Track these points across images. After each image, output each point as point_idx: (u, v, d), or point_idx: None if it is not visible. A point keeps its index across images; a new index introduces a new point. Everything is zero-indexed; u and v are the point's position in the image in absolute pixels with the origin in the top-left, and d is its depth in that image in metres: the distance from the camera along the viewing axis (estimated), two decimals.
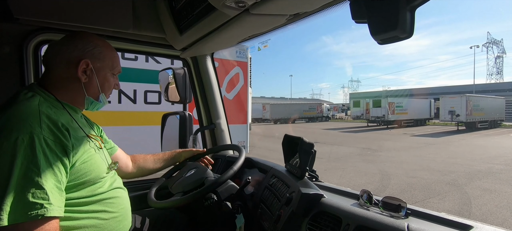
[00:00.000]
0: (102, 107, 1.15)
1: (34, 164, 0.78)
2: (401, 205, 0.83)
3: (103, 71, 1.09)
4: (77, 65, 1.01)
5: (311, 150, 1.12)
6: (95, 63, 1.05)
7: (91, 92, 1.07)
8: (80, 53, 1.03)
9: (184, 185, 1.32)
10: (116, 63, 1.13)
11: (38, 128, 0.82)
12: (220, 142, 1.92)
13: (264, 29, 1.30)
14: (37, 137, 0.80)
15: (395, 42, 0.85)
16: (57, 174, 0.82)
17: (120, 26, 1.44)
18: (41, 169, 0.78)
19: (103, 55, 1.08)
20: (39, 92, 0.96)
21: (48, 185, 0.79)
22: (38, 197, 0.76)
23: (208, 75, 1.86)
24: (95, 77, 1.06)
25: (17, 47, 1.35)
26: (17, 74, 1.35)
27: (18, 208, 0.74)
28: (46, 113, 0.87)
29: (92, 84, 1.06)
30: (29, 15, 1.27)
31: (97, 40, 1.08)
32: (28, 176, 0.76)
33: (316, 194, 1.00)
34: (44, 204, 0.77)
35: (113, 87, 1.16)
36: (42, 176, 0.78)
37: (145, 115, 4.86)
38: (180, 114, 1.83)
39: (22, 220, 0.74)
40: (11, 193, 0.73)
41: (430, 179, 7.14)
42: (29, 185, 0.76)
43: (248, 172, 1.58)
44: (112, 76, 1.13)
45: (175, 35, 1.45)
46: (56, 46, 1.03)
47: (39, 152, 0.79)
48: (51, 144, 0.83)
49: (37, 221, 0.76)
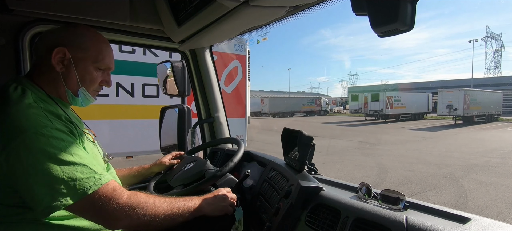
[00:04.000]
0: (89, 104, 1.06)
1: (61, 148, 0.82)
2: (399, 198, 0.83)
3: (84, 63, 0.99)
4: (52, 52, 0.94)
5: (310, 143, 1.12)
6: (75, 52, 0.97)
7: (70, 85, 0.98)
8: (58, 40, 0.96)
9: (184, 178, 1.32)
10: (103, 57, 1.02)
11: (48, 121, 0.84)
12: (219, 135, 1.92)
13: (264, 21, 1.29)
14: (51, 128, 0.83)
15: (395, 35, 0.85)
16: (83, 150, 0.90)
17: (116, 18, 1.42)
18: (70, 151, 0.83)
19: (87, 45, 0.99)
20: (29, 86, 0.92)
21: (85, 159, 0.86)
22: (84, 172, 0.83)
23: (206, 68, 1.85)
24: (74, 68, 0.97)
25: (13, 39, 1.32)
26: (13, 66, 1.33)
27: (75, 186, 0.81)
28: (47, 109, 0.88)
29: (70, 76, 0.98)
30: (24, 6, 1.25)
31: (84, 30, 1.01)
32: (66, 160, 0.81)
33: (315, 186, 1.00)
34: (94, 175, 0.85)
35: (100, 83, 1.06)
36: (74, 155, 0.83)
37: (143, 108, 4.84)
38: (178, 107, 1.82)
39: (83, 195, 0.81)
40: (61, 178, 0.79)
41: (427, 172, 7.21)
42: (71, 166, 0.82)
43: (247, 165, 1.58)
44: (97, 70, 1.02)
45: (173, 27, 1.43)
46: (42, 35, 1.01)
47: (61, 139, 0.83)
48: (66, 130, 0.88)
49: (98, 190, 0.84)
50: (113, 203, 0.85)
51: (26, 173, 0.77)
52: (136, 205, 0.89)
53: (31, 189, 0.78)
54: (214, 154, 1.83)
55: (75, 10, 1.31)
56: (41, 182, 0.78)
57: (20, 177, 0.78)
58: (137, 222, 0.89)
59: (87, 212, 0.86)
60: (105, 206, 0.85)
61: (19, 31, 1.33)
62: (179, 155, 1.56)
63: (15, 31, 1.32)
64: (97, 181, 0.84)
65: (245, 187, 1.40)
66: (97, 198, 0.84)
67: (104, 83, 1.08)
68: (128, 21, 1.43)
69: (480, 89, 28.55)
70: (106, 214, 0.86)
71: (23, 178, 0.78)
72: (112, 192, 0.87)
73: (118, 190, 0.88)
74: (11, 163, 0.78)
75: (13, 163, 0.78)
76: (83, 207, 0.83)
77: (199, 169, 1.33)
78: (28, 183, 0.78)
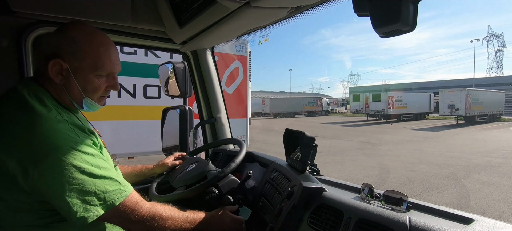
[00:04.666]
0: (97, 109, 1.03)
1: (91, 163, 0.86)
2: (402, 199, 0.83)
3: (83, 73, 0.92)
4: (47, 65, 0.89)
5: (312, 144, 1.12)
6: (71, 62, 0.90)
7: (73, 95, 0.94)
8: (53, 49, 0.90)
9: (186, 179, 1.32)
10: (102, 63, 0.94)
11: (76, 136, 0.87)
12: (220, 136, 1.92)
13: (265, 22, 1.29)
14: (80, 143, 0.86)
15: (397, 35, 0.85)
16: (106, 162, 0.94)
17: (118, 19, 1.42)
18: (98, 165, 0.87)
19: (82, 53, 0.91)
20: (41, 92, 0.91)
21: (111, 172, 0.91)
22: (112, 185, 0.88)
23: (208, 69, 1.85)
24: (73, 79, 0.91)
25: (16, 40, 1.33)
26: (16, 68, 1.34)
27: (105, 198, 0.86)
28: (71, 122, 0.91)
29: (72, 87, 0.93)
30: (27, 8, 1.25)
31: (77, 34, 0.92)
32: (96, 173, 0.86)
33: (317, 187, 1.00)
34: (120, 187, 0.90)
35: (106, 89, 1.00)
36: (102, 169, 0.88)
37: (144, 109, 4.85)
38: (180, 108, 1.82)
39: (111, 206, 0.87)
40: (94, 191, 0.84)
41: (429, 172, 7.18)
42: (101, 179, 0.86)
43: (249, 166, 1.58)
44: (98, 77, 0.95)
45: (175, 28, 1.43)
46: (40, 42, 0.97)
47: (90, 154, 0.87)
48: (90, 143, 0.91)
49: (124, 202, 0.89)
50: (136, 214, 0.92)
51: (62, 187, 0.81)
52: (155, 216, 0.96)
53: (67, 202, 0.82)
54: (216, 155, 1.83)
55: (76, 12, 1.32)
56: (76, 196, 0.82)
57: (55, 191, 0.82)
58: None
59: (114, 221, 0.93)
60: (129, 216, 0.91)
61: (21, 33, 1.33)
62: (181, 156, 1.56)
63: (18, 33, 1.33)
64: (122, 193, 0.90)
65: (247, 187, 1.40)
66: (122, 210, 0.90)
67: (110, 88, 1.01)
68: (130, 22, 1.43)
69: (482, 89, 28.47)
70: (129, 223, 0.93)
71: (59, 192, 0.81)
72: (135, 204, 0.93)
73: (140, 202, 0.95)
74: (45, 179, 0.80)
75: (48, 179, 0.81)
76: (111, 217, 0.90)
77: (201, 170, 1.33)
78: (63, 197, 0.82)
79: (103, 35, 0.98)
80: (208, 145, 1.91)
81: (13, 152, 0.80)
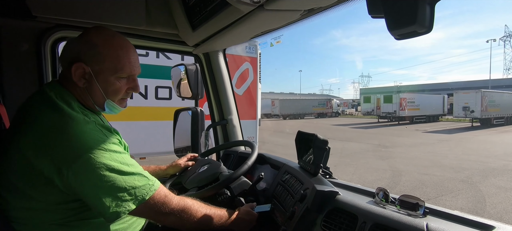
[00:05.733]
0: (119, 111, 1.07)
1: (120, 161, 0.89)
2: (419, 204, 0.81)
3: (103, 75, 0.96)
4: (70, 69, 0.93)
5: (325, 147, 1.12)
6: (93, 66, 0.94)
7: (95, 98, 0.98)
8: (75, 54, 0.94)
9: (198, 180, 1.33)
10: (122, 66, 0.97)
11: (104, 136, 0.91)
12: (232, 137, 1.93)
13: (278, 24, 1.29)
14: (109, 143, 0.90)
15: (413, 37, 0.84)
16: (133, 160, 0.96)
17: (133, 23, 1.45)
18: (127, 162, 0.91)
19: (101, 56, 0.94)
20: (67, 96, 0.95)
21: (138, 168, 0.94)
22: (141, 180, 0.91)
23: (220, 71, 1.87)
24: (95, 82, 0.95)
25: (35, 44, 1.38)
26: (35, 71, 1.38)
27: (136, 193, 0.89)
28: (99, 123, 0.95)
29: (94, 90, 0.97)
30: (47, 12, 1.30)
31: (96, 38, 0.95)
32: (125, 171, 0.89)
33: (331, 191, 0.99)
34: (148, 182, 0.93)
35: (127, 90, 1.03)
36: (130, 166, 0.91)
37: (156, 110, 4.92)
38: (192, 110, 1.84)
39: (142, 201, 0.90)
40: (124, 187, 0.88)
41: (443, 176, 7.01)
42: (130, 175, 0.89)
43: (260, 168, 1.58)
44: (119, 79, 0.99)
45: (188, 31, 1.45)
46: (64, 47, 1.01)
47: (118, 152, 0.90)
48: (117, 142, 0.95)
49: (153, 196, 0.92)
50: (166, 207, 0.95)
51: (95, 186, 0.85)
52: (184, 208, 0.99)
53: (100, 199, 0.86)
54: (227, 156, 1.84)
55: (93, 16, 1.36)
56: (108, 192, 0.86)
57: (89, 189, 0.86)
58: (184, 223, 1.00)
59: (145, 214, 0.97)
60: (160, 209, 0.94)
61: (41, 36, 1.38)
62: (194, 157, 1.58)
63: (37, 37, 1.38)
64: (152, 187, 0.93)
65: (258, 189, 1.40)
66: (152, 203, 0.93)
67: (131, 90, 1.05)
68: (144, 25, 1.46)
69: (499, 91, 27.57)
70: (161, 215, 0.96)
71: (92, 190, 0.86)
72: (164, 197, 0.96)
73: (169, 195, 0.98)
74: (79, 179, 0.84)
75: (82, 179, 0.84)
76: (142, 211, 0.93)
77: (214, 171, 1.34)
78: (96, 194, 0.86)
79: (123, 39, 1.02)
80: (220, 146, 1.92)
81: (47, 154, 0.83)
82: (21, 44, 1.35)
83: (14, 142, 0.87)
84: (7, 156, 0.88)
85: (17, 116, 0.94)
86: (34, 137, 0.85)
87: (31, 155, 0.83)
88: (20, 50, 1.36)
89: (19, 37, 1.35)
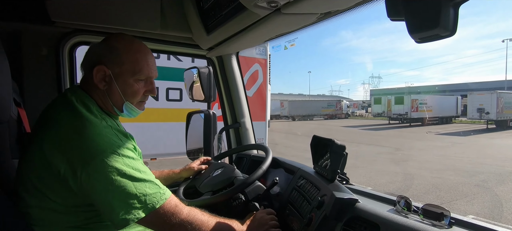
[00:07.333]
0: (137, 115, 1.10)
1: (133, 166, 0.88)
2: (443, 213, 0.79)
3: (122, 77, 0.99)
4: (92, 72, 0.97)
5: (342, 153, 1.09)
6: (113, 68, 0.98)
7: (114, 100, 1.01)
8: (96, 58, 0.98)
9: (213, 184, 1.33)
10: (140, 68, 1.01)
11: (119, 140, 0.91)
12: (245, 140, 1.92)
13: (294, 28, 1.28)
14: (123, 148, 0.90)
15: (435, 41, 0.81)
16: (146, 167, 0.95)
17: (148, 27, 1.47)
18: (139, 169, 0.90)
19: (121, 58, 0.98)
20: (87, 100, 0.97)
21: (151, 176, 0.92)
22: (152, 188, 0.90)
23: (233, 74, 1.86)
24: (115, 84, 0.99)
25: (54, 49, 1.40)
26: (54, 75, 1.41)
27: (146, 201, 0.87)
28: (115, 128, 0.96)
29: (113, 92, 1.00)
30: (65, 18, 1.32)
31: (116, 42, 1.00)
32: (137, 177, 0.88)
33: (350, 198, 0.97)
34: (159, 190, 0.91)
35: (144, 93, 1.06)
36: (142, 173, 0.90)
37: (167, 112, 4.96)
38: (204, 113, 1.84)
39: (152, 209, 0.88)
40: (135, 194, 0.86)
41: (457, 180, 6.83)
42: (142, 182, 0.88)
43: (273, 172, 1.56)
44: (137, 82, 1.02)
45: (202, 35, 1.45)
46: (86, 52, 1.04)
47: (132, 157, 0.90)
48: (132, 148, 0.94)
49: (163, 205, 0.90)
50: (176, 217, 0.93)
51: (105, 189, 0.84)
52: (193, 221, 0.96)
53: (109, 204, 0.85)
54: (240, 160, 1.83)
55: (110, 21, 1.38)
56: (118, 198, 0.85)
57: (100, 193, 0.85)
58: None
59: (154, 224, 0.93)
60: (169, 220, 0.92)
61: (59, 41, 1.41)
62: (207, 161, 1.57)
63: (56, 41, 1.40)
64: (162, 196, 0.91)
65: (272, 194, 1.38)
66: (162, 213, 0.91)
67: (148, 92, 1.08)
68: (159, 29, 1.47)
69: None
70: (170, 227, 0.92)
71: (103, 194, 0.85)
72: (175, 207, 0.94)
73: (179, 205, 0.95)
74: (91, 181, 0.84)
75: (93, 181, 0.84)
76: (151, 220, 0.90)
77: (228, 175, 1.33)
78: (106, 198, 0.85)
79: (141, 43, 1.05)
80: (233, 150, 1.91)
81: (64, 154, 0.85)
82: (40, 49, 1.38)
83: (35, 143, 0.89)
84: (29, 157, 0.90)
85: (39, 119, 0.97)
86: (54, 138, 0.87)
87: (50, 155, 0.85)
88: (40, 55, 1.39)
89: (38, 42, 1.38)
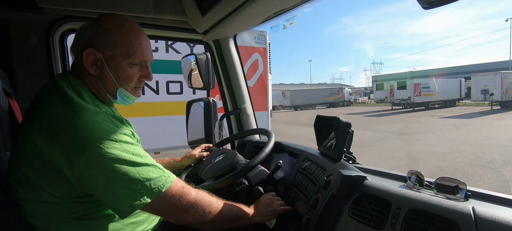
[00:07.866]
0: (132, 102, 1.02)
1: (133, 152, 0.84)
2: (459, 186, 0.74)
3: (115, 61, 0.92)
4: (82, 55, 0.90)
5: (348, 130, 1.04)
6: (104, 51, 0.90)
7: (107, 86, 0.94)
8: (86, 40, 0.91)
9: (215, 170, 1.29)
10: (134, 50, 0.93)
11: (115, 126, 0.86)
12: (246, 126, 1.88)
13: (291, 3, 1.22)
14: (120, 133, 0.85)
15: (443, 5, 0.75)
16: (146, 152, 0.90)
17: (141, 11, 1.41)
18: (140, 154, 0.85)
19: (114, 40, 0.90)
20: (79, 85, 0.91)
21: (152, 160, 0.88)
22: (156, 172, 0.85)
23: (231, 59, 1.80)
24: (107, 68, 0.91)
25: (44, 37, 1.35)
26: (46, 64, 1.36)
27: (151, 186, 0.83)
28: (109, 113, 0.90)
29: (106, 77, 0.93)
30: (53, 3, 1.26)
31: (108, 23, 0.92)
32: (138, 162, 0.83)
33: (358, 175, 0.92)
34: (164, 174, 0.87)
35: (140, 78, 0.98)
36: (143, 157, 0.86)
37: (168, 105, 4.93)
38: (204, 100, 1.79)
39: (158, 193, 0.84)
40: (138, 179, 0.82)
41: (462, 162, 6.77)
42: (144, 167, 0.84)
43: (277, 157, 1.52)
44: (131, 66, 0.94)
45: (197, 16, 1.39)
46: (75, 35, 0.97)
47: (130, 143, 0.85)
48: (129, 133, 0.89)
49: (170, 188, 0.86)
50: (184, 199, 0.89)
51: (107, 178, 0.80)
52: (203, 202, 0.93)
53: (112, 192, 0.81)
54: (243, 146, 1.79)
55: (101, 5, 1.32)
56: (121, 185, 0.81)
57: (100, 182, 0.81)
58: (203, 218, 0.92)
59: (161, 209, 0.88)
60: (178, 202, 0.88)
61: (49, 29, 1.35)
62: (208, 148, 1.53)
63: (46, 29, 1.35)
64: (167, 179, 0.87)
65: (276, 179, 1.34)
66: (170, 195, 0.87)
67: (144, 77, 1.00)
68: (152, 13, 1.42)
69: None
70: (179, 209, 0.89)
71: (104, 183, 0.80)
72: (182, 189, 0.90)
73: (186, 187, 0.92)
74: (89, 171, 0.79)
75: (92, 171, 0.79)
76: (158, 205, 0.86)
77: (230, 160, 1.29)
78: (108, 187, 0.81)
79: (134, 24, 0.97)
80: (234, 135, 1.87)
81: (57, 144, 0.80)
82: (30, 37, 1.33)
83: (25, 131, 0.84)
84: (20, 147, 0.85)
85: (29, 107, 0.92)
86: (44, 126, 0.82)
87: (42, 145, 0.80)
88: (30, 43, 1.34)
89: (28, 30, 1.33)
